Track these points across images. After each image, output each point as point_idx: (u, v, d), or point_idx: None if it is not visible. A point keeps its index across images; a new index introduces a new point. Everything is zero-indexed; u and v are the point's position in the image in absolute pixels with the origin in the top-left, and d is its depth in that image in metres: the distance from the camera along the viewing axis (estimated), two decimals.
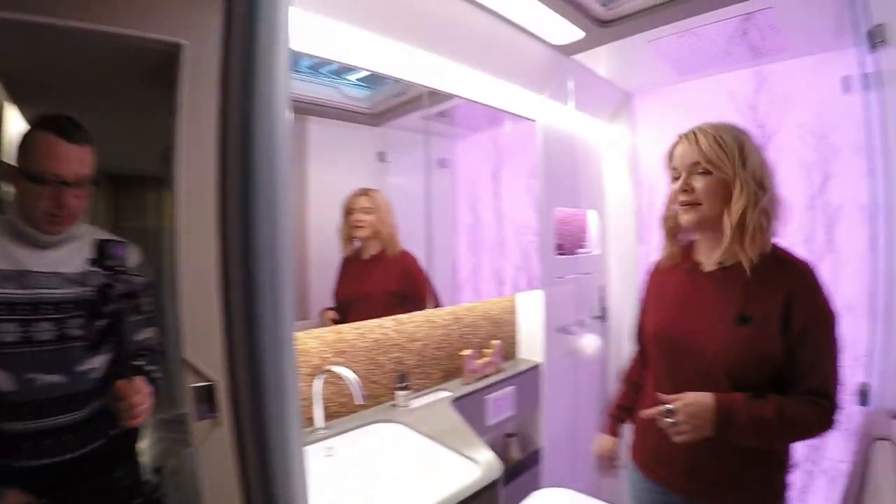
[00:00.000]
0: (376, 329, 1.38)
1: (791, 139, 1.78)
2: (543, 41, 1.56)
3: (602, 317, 2.21)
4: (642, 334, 1.08)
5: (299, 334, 1.15)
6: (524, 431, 1.85)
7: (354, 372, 1.10)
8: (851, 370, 1.67)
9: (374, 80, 1.30)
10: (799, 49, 1.66)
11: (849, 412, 1.49)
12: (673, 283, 1.00)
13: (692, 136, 0.92)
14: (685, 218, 0.92)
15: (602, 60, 1.82)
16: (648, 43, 1.63)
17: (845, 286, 1.71)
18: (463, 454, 1.11)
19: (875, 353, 1.25)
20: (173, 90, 0.73)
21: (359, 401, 1.07)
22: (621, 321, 2.24)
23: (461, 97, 1.53)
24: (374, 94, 1.32)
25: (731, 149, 0.88)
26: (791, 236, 1.77)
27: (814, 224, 1.76)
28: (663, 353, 0.97)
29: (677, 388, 0.88)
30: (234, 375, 0.71)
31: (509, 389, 1.66)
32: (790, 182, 1.79)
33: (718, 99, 1.93)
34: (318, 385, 1.17)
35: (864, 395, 1.27)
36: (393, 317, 1.41)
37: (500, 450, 1.72)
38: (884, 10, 1.16)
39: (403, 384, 1.37)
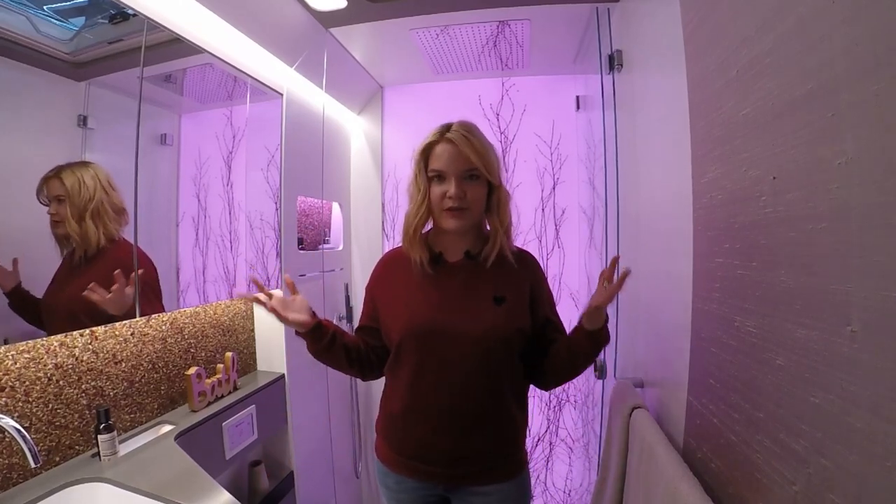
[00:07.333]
0: (58, 350, 1.01)
1: (528, 146, 1.99)
2: (303, 1, 1.40)
3: (348, 317, 2.13)
4: (390, 333, 1.01)
5: None
6: (272, 455, 1.66)
7: (24, 418, 0.91)
8: None
9: (80, 13, 0.97)
10: (540, 68, 1.87)
11: (591, 386, 1.75)
12: (414, 277, 1.01)
13: (461, 138, 0.92)
14: (455, 223, 0.94)
15: (361, 44, 1.76)
16: (410, 31, 1.56)
17: (570, 277, 2.01)
18: None
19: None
20: None
21: (33, 462, 0.78)
22: None
23: (194, 46, 1.23)
24: (80, 36, 0.98)
25: (495, 155, 0.97)
26: (526, 234, 1.98)
27: (545, 223, 2.01)
28: (424, 344, 0.96)
29: (443, 372, 0.94)
30: None
31: (249, 410, 1.45)
32: (528, 185, 2.00)
33: (468, 102, 2.01)
34: None
35: (600, 371, 1.47)
36: (83, 331, 1.06)
37: (246, 483, 1.52)
38: (622, 39, 1.35)
39: (106, 424, 1.05)
